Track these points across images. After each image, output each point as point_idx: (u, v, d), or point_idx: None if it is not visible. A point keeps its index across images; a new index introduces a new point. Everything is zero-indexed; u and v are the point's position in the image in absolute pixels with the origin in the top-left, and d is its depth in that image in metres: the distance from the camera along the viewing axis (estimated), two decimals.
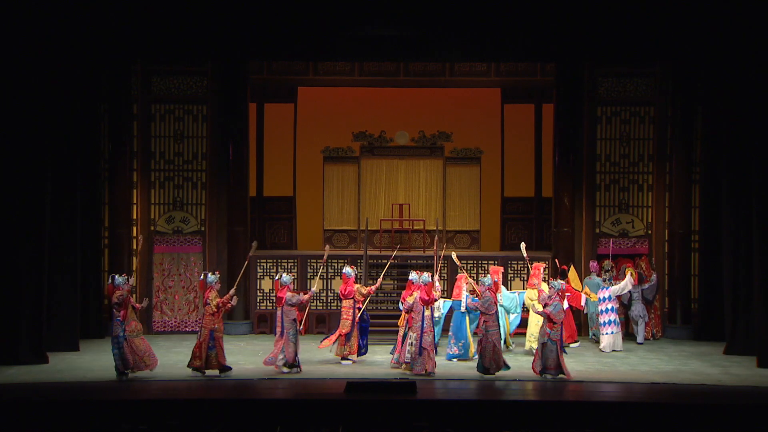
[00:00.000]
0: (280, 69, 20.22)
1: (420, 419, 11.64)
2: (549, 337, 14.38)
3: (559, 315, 14.43)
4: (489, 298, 14.72)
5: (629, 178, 19.48)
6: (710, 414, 12.08)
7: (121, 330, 14.19)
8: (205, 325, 14.49)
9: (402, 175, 20.57)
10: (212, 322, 14.49)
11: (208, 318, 14.50)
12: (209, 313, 14.49)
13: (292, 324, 14.84)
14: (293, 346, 14.74)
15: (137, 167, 19.17)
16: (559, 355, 14.38)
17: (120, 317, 14.22)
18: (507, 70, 20.19)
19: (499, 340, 14.72)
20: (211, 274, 14.99)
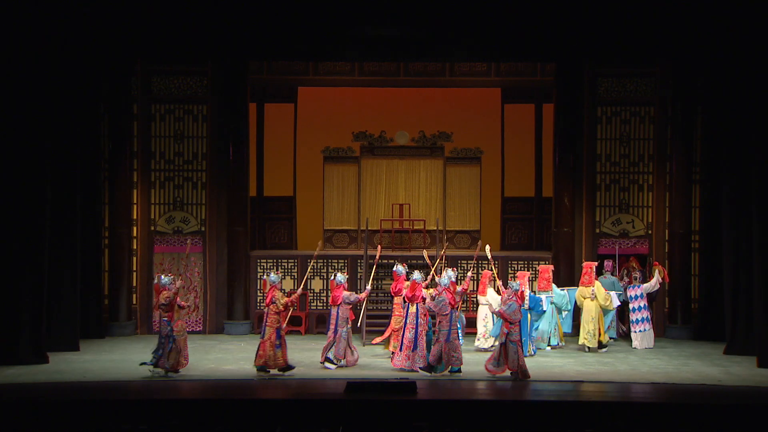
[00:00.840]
0: (280, 69, 20.22)
1: (420, 419, 11.64)
2: (507, 337, 14.37)
3: (514, 315, 14.39)
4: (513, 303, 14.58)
5: (629, 178, 19.48)
6: (710, 414, 12.08)
7: (168, 329, 14.33)
8: (270, 324, 14.53)
9: (402, 175, 20.57)
10: (277, 321, 14.58)
11: (273, 317, 14.56)
12: (274, 312, 14.55)
13: (345, 322, 15.15)
14: (344, 343, 15.12)
15: (137, 167, 19.18)
16: (520, 356, 14.34)
17: (167, 317, 14.36)
18: (507, 70, 20.19)
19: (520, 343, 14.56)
20: (273, 273, 15.02)
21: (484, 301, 17.06)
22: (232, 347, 17.40)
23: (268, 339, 14.48)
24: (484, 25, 17.34)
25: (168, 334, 14.33)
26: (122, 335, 18.57)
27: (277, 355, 14.48)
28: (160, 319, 14.56)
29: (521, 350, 14.44)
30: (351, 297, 15.27)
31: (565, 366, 15.60)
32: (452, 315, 14.71)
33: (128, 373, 14.79)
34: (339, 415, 11.84)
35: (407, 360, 14.97)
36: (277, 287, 14.73)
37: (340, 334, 15.12)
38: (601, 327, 17.03)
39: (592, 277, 17.13)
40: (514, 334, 14.38)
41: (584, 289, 17.13)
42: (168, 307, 14.41)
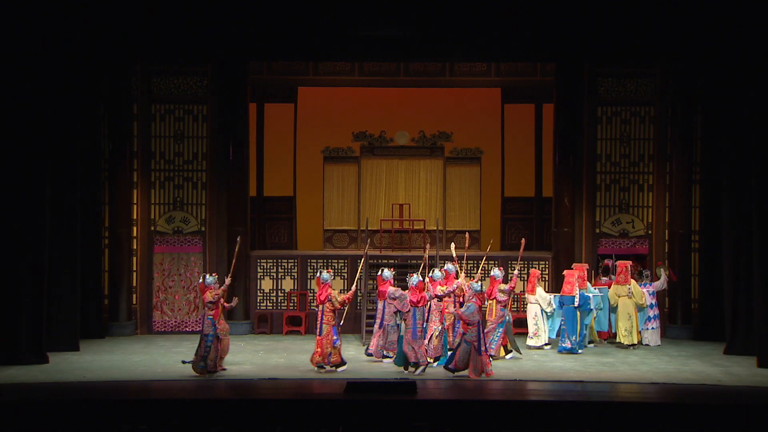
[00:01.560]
0: (280, 69, 20.24)
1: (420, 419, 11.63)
2: (463, 338, 14.45)
3: (473, 317, 14.40)
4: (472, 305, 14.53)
5: (629, 178, 19.49)
6: (710, 414, 12.07)
7: (213, 329, 14.37)
8: (327, 322, 14.75)
9: (402, 175, 20.58)
10: (333, 318, 14.82)
11: (329, 314, 14.79)
12: (330, 309, 14.77)
13: (393, 317, 15.40)
14: (394, 336, 15.43)
15: (137, 167, 19.18)
16: (471, 357, 14.36)
17: (212, 315, 14.42)
18: (507, 70, 20.21)
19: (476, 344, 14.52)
20: (325, 272, 15.14)
21: (533, 300, 17.36)
22: (232, 347, 17.34)
23: (326, 336, 14.73)
24: (484, 25, 17.34)
25: (212, 333, 14.37)
26: (122, 335, 18.57)
27: (333, 352, 14.77)
28: (204, 317, 14.56)
29: (476, 351, 14.40)
30: (397, 293, 15.36)
31: (565, 366, 15.60)
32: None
33: (128, 373, 14.80)
34: (339, 416, 11.83)
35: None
36: (330, 285, 14.95)
37: (386, 327, 15.52)
38: (636, 325, 17.35)
39: (627, 276, 17.45)
40: (471, 335, 14.42)
41: (620, 288, 17.45)
42: (214, 305, 14.45)
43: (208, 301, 14.47)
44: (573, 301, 16.81)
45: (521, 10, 16.99)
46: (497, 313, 16.05)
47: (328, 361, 14.71)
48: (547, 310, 17.16)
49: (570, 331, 16.74)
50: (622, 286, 17.43)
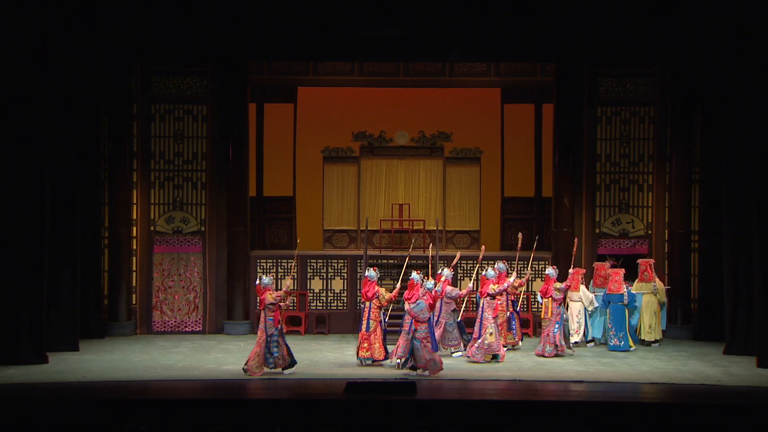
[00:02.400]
0: (279, 69, 20.23)
1: (420, 419, 11.64)
2: (414, 334, 14.56)
3: (422, 314, 14.52)
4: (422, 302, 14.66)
5: (629, 178, 19.49)
6: (710, 414, 12.08)
7: (275, 329, 14.59)
8: (374, 318, 15.31)
9: (402, 175, 20.56)
10: (380, 315, 15.39)
11: (376, 311, 15.37)
12: (377, 306, 15.36)
13: (452, 314, 16.20)
14: (457, 332, 16.17)
15: (137, 167, 19.18)
16: (423, 354, 14.45)
17: (272, 317, 14.61)
18: (507, 70, 20.20)
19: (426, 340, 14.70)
20: (372, 270, 15.64)
21: (576, 298, 17.52)
22: (232, 347, 17.40)
23: (373, 332, 15.25)
24: (484, 25, 17.33)
25: (275, 333, 14.57)
26: (122, 335, 18.57)
27: (380, 348, 15.27)
28: (265, 318, 14.63)
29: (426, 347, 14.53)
30: (453, 292, 16.13)
31: (565, 366, 15.61)
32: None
33: (128, 373, 14.79)
34: (339, 416, 11.84)
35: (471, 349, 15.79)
36: (377, 283, 15.46)
37: (445, 325, 16.00)
38: (659, 322, 17.78)
39: (652, 273, 17.76)
40: (421, 332, 14.53)
41: (644, 285, 17.75)
42: (275, 306, 14.66)
43: (269, 302, 14.63)
44: (621, 299, 17.20)
45: (521, 10, 16.98)
46: (554, 311, 16.38)
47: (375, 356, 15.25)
48: (589, 309, 17.46)
49: (618, 329, 17.11)
50: (647, 283, 17.76)
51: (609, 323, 17.23)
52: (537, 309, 18.39)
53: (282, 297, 14.70)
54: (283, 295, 14.74)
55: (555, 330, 16.27)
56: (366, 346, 15.25)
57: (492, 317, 15.76)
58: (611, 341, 17.12)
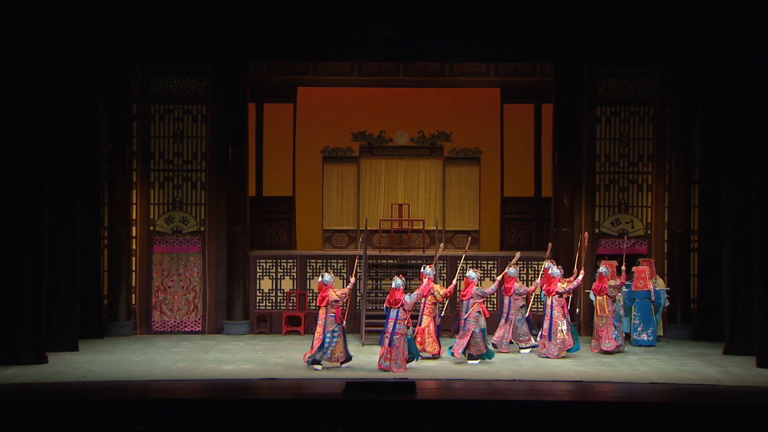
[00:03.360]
0: (279, 69, 20.22)
1: (419, 419, 11.64)
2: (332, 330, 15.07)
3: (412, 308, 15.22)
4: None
5: (629, 178, 19.49)
6: (709, 414, 12.09)
7: (336, 326, 15.02)
8: (428, 314, 15.99)
9: (401, 175, 20.56)
10: (434, 311, 16.03)
11: (431, 307, 16.03)
12: (431, 302, 16.00)
13: (519, 310, 16.72)
14: (526, 327, 16.71)
15: (137, 167, 19.18)
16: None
17: (334, 313, 15.01)
18: (506, 70, 20.20)
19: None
20: (428, 267, 16.34)
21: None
22: (232, 347, 17.40)
23: (426, 327, 15.85)
24: (484, 25, 17.31)
25: (336, 329, 14.98)
26: (121, 335, 18.57)
27: (433, 342, 15.84)
28: (326, 315, 14.98)
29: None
30: (521, 289, 16.76)
31: (564, 366, 15.61)
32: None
33: (127, 373, 14.80)
34: (338, 416, 11.84)
35: (544, 348, 16.25)
36: (432, 279, 16.10)
37: (513, 321, 16.57)
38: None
39: (647, 281, 17.91)
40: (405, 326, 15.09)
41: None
42: (338, 303, 15.07)
43: (332, 299, 15.00)
44: (647, 296, 17.66)
45: (521, 10, 16.97)
46: (609, 308, 16.83)
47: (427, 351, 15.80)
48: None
49: (646, 325, 17.58)
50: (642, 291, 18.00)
51: (636, 320, 17.65)
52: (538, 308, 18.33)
53: (346, 294, 15.14)
54: (348, 293, 15.18)
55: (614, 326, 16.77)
56: (419, 341, 15.81)
57: (561, 314, 16.18)
58: (639, 336, 17.55)
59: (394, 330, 14.90)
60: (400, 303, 14.94)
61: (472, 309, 15.73)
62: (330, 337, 14.94)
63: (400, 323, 14.96)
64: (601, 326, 16.87)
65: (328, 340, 14.94)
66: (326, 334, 14.93)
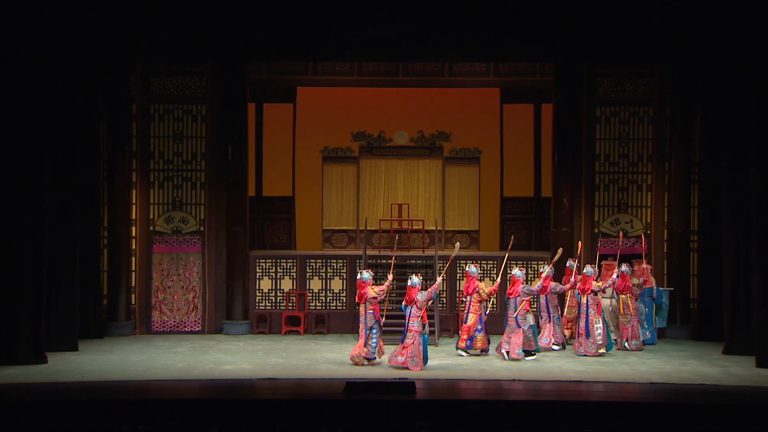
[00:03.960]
0: (279, 69, 20.22)
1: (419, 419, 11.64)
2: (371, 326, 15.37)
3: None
4: None
5: (628, 178, 19.50)
6: (709, 414, 12.08)
7: (375, 322, 15.30)
8: (474, 311, 16.31)
9: (401, 175, 20.56)
10: (479, 308, 16.35)
11: (476, 305, 16.35)
12: (477, 300, 16.32)
13: (556, 309, 17.17)
14: (559, 328, 17.08)
15: (136, 167, 19.18)
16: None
17: (373, 310, 15.29)
18: (506, 70, 20.20)
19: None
20: (473, 265, 16.69)
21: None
22: (231, 347, 17.40)
23: (473, 325, 16.20)
24: (483, 25, 17.32)
25: (375, 325, 15.28)
26: (121, 335, 18.57)
27: (480, 339, 16.19)
28: (365, 312, 15.27)
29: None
30: (557, 288, 17.03)
31: (564, 366, 15.61)
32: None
33: (127, 373, 14.79)
34: (338, 416, 11.84)
35: (581, 346, 16.45)
36: (477, 278, 16.48)
37: (553, 320, 16.94)
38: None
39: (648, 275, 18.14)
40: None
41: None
42: (376, 300, 15.34)
43: (371, 297, 15.28)
44: (650, 294, 17.87)
45: (520, 10, 16.98)
46: (633, 305, 17.25)
47: (467, 346, 16.22)
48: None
49: (649, 323, 17.84)
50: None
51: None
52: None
53: (384, 291, 15.39)
54: (386, 290, 15.44)
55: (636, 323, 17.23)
56: (465, 337, 16.27)
57: (596, 313, 16.39)
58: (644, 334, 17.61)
59: (407, 327, 15.09)
60: (414, 301, 15.12)
61: (520, 307, 16.09)
62: (370, 332, 15.31)
63: (413, 320, 15.06)
64: (626, 324, 17.21)
65: (369, 335, 15.32)
66: (367, 330, 15.30)
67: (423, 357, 15.02)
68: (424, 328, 15.13)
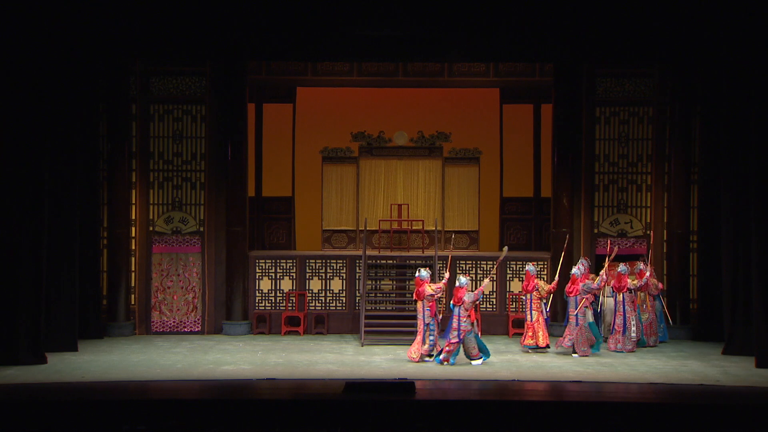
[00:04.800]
0: (278, 69, 20.22)
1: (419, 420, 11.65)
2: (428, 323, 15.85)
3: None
4: None
5: (628, 179, 19.51)
6: (709, 414, 12.09)
7: (431, 319, 15.82)
8: (536, 309, 16.81)
9: (401, 176, 20.56)
10: (540, 305, 16.89)
11: (537, 302, 16.87)
12: (537, 297, 16.86)
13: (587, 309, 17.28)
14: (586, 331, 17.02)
15: (136, 167, 19.19)
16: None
17: (430, 307, 15.83)
18: (506, 71, 20.20)
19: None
20: (531, 264, 17.17)
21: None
22: (231, 347, 17.40)
23: (536, 321, 16.73)
24: (483, 25, 17.32)
25: (432, 322, 15.80)
26: (121, 335, 18.58)
27: (544, 335, 16.73)
28: (423, 309, 15.82)
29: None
30: (592, 286, 16.96)
31: (564, 366, 15.62)
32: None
33: (127, 373, 14.80)
34: (337, 416, 11.84)
35: (618, 343, 17.00)
36: (536, 276, 16.98)
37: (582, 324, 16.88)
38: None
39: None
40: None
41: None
42: (433, 297, 15.83)
43: (428, 294, 15.78)
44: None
45: (520, 10, 16.98)
46: (650, 303, 17.68)
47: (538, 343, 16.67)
48: None
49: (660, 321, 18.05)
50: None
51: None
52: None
53: (441, 289, 15.91)
54: (443, 287, 15.95)
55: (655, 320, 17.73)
56: (530, 335, 16.79)
57: (632, 310, 16.95)
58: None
59: (459, 326, 15.47)
60: (462, 301, 15.50)
61: (581, 304, 16.44)
62: (427, 329, 15.74)
63: (461, 320, 15.51)
64: (644, 322, 17.55)
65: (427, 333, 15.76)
66: (424, 327, 15.75)
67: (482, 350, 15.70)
68: (473, 326, 15.63)
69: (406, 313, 18.57)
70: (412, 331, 17.37)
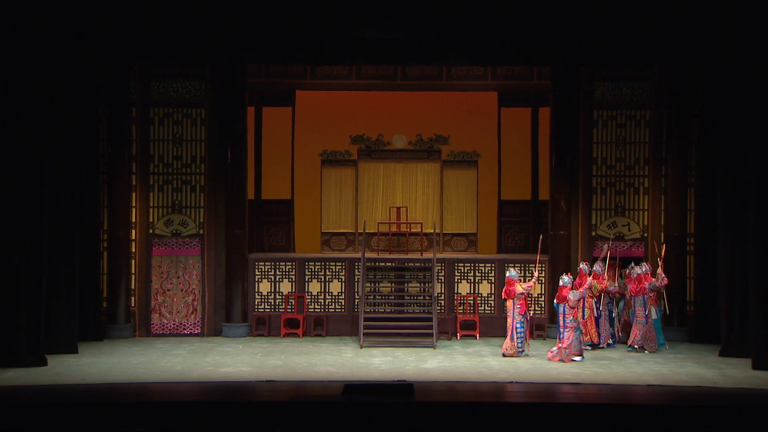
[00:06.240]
0: (278, 72, 20.29)
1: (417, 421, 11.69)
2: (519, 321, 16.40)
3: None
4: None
5: (625, 182, 19.56)
6: (706, 416, 12.13)
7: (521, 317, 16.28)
8: (588, 306, 17.32)
9: (399, 179, 20.63)
10: (592, 304, 17.32)
11: (589, 300, 17.34)
12: (589, 296, 17.24)
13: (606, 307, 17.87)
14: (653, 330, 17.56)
15: (136, 170, 19.24)
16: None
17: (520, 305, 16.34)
18: (504, 74, 20.27)
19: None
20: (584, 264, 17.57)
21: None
22: (230, 350, 17.45)
23: (589, 319, 17.28)
24: (481, 28, 17.39)
25: (520, 320, 16.32)
26: (120, 338, 18.61)
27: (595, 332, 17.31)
28: (513, 307, 16.36)
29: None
30: (611, 287, 17.74)
31: (561, 368, 15.67)
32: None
33: (126, 375, 14.83)
34: (336, 418, 11.89)
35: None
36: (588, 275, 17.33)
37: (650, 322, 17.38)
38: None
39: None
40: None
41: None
42: (523, 296, 16.34)
43: (519, 292, 16.32)
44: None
45: (518, 14, 17.05)
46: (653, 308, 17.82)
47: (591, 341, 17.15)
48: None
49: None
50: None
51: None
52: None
53: (531, 287, 16.40)
54: (533, 286, 16.46)
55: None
56: (584, 331, 16.96)
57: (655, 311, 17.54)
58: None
59: (565, 324, 16.10)
60: (566, 299, 16.07)
61: (649, 303, 17.17)
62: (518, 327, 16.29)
63: (567, 317, 16.10)
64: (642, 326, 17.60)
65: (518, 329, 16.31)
66: (516, 324, 16.29)
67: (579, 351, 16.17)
68: (578, 323, 16.18)
69: (404, 316, 18.63)
70: (411, 333, 17.47)
